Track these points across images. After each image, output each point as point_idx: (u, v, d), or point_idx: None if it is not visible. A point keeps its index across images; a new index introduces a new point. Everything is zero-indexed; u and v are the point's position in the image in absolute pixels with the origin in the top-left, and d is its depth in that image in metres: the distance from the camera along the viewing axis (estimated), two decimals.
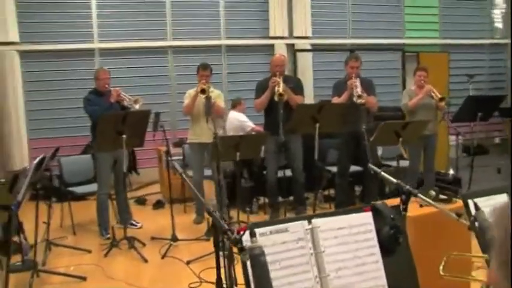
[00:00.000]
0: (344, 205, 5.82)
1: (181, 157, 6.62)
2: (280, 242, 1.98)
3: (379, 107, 7.58)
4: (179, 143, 7.06)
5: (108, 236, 5.25)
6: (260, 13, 8.36)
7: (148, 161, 7.90)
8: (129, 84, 7.76)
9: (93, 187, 5.65)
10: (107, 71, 5.53)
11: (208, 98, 5.13)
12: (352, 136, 5.65)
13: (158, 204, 6.62)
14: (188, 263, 4.52)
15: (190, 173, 6.10)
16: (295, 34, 8.39)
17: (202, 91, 5.28)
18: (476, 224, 1.94)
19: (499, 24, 9.80)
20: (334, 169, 6.17)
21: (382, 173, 2.33)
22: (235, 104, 7.24)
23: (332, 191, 6.47)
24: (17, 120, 7.27)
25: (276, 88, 5.45)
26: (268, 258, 2.00)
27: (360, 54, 8.64)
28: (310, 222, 2.04)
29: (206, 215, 5.86)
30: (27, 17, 7.40)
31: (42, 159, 4.32)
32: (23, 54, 7.37)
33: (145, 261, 4.67)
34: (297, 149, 5.77)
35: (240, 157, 5.19)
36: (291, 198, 6.12)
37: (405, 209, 2.22)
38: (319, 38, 8.55)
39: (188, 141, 5.90)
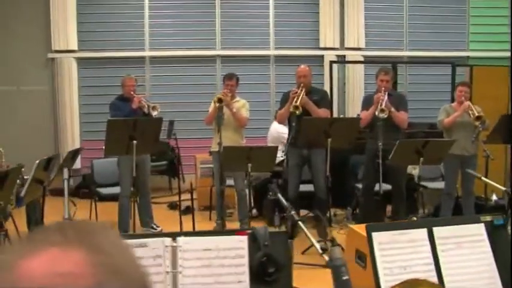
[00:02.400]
0: None
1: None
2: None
3: (429, 123, 7.18)
4: None
5: None
6: (310, 23, 8.24)
7: (193, 167, 8.07)
8: (177, 92, 8.04)
9: (118, 189, 5.88)
10: (133, 78, 5.75)
11: (220, 108, 5.17)
12: (376, 153, 5.36)
13: (186, 210, 6.72)
14: None
15: None
16: (346, 45, 8.16)
17: (219, 100, 5.33)
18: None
19: None
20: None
21: (278, 194, 2.19)
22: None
23: None
24: (71, 122, 7.80)
25: (295, 99, 5.33)
26: None
27: (415, 67, 8.31)
28: (174, 240, 1.98)
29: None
30: (85, 26, 7.94)
31: (49, 159, 4.60)
32: (80, 61, 7.91)
33: None
34: (319, 164, 5.55)
35: (252, 169, 5.13)
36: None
37: (291, 237, 2.06)
38: (372, 50, 8.24)
39: (210, 149, 5.95)
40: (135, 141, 4.87)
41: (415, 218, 3.19)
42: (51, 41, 7.74)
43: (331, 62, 7.37)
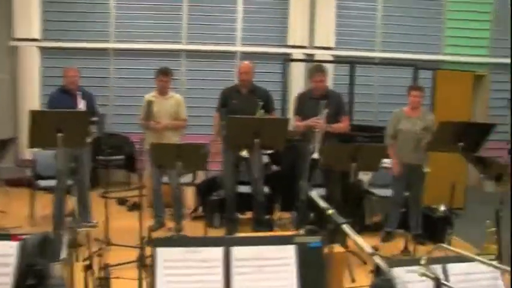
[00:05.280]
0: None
1: None
2: None
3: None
4: None
5: None
6: (279, 20, 8.05)
7: None
8: (138, 85, 7.90)
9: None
10: (76, 69, 5.58)
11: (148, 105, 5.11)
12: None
13: (133, 207, 6.61)
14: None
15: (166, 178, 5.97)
16: (316, 44, 7.94)
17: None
18: None
19: None
20: None
21: None
22: None
23: None
24: None
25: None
26: None
27: (386, 68, 8.07)
28: None
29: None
30: (49, 15, 7.86)
31: None
32: (43, 50, 7.83)
33: None
34: (254, 163, 5.34)
35: (182, 167, 4.99)
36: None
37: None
38: (343, 50, 8.01)
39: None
40: (60, 134, 4.73)
41: (302, 231, 3.00)
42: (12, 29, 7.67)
43: (285, 60, 7.17)
